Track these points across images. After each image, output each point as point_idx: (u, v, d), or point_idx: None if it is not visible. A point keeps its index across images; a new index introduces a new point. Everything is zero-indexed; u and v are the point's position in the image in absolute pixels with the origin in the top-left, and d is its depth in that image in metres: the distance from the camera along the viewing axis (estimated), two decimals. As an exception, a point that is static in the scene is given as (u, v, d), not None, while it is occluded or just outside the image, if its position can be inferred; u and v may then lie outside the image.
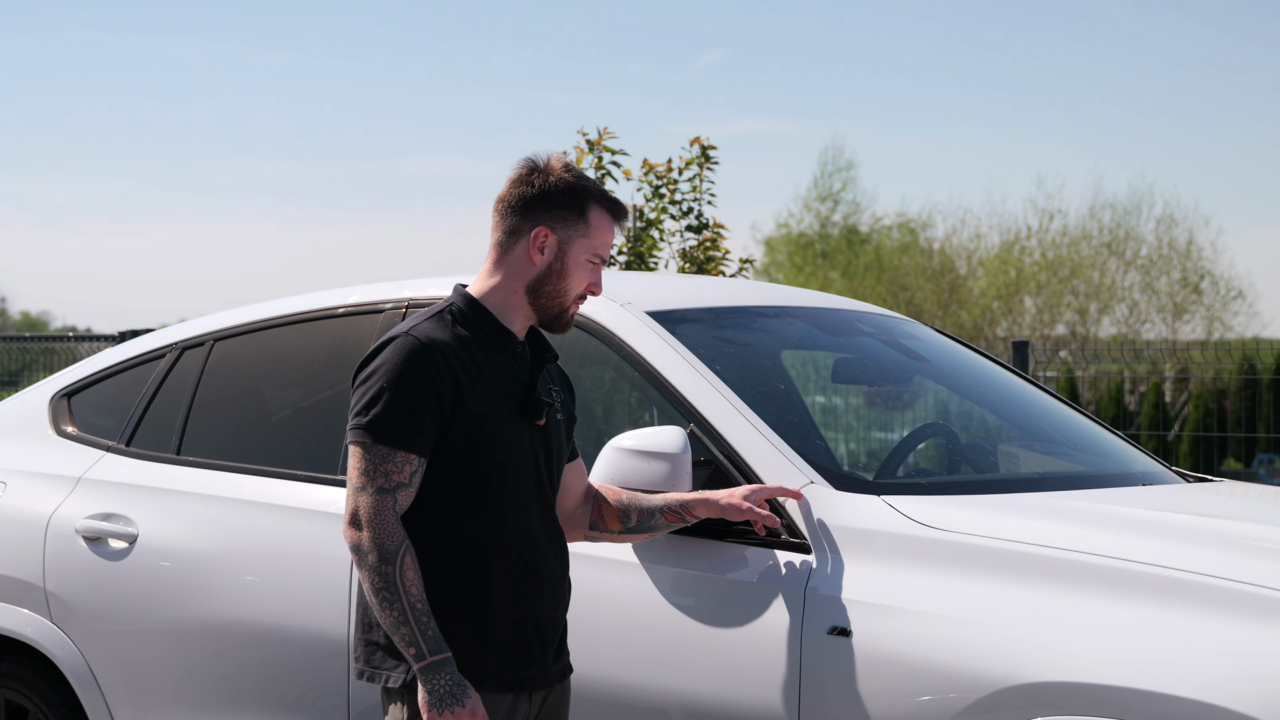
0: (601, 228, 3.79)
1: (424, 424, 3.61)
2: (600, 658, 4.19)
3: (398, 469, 3.59)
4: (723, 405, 4.35)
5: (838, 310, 5.30)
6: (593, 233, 3.78)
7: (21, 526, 5.29)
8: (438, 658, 3.53)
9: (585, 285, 3.80)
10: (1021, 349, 9.80)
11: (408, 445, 3.59)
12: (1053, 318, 33.18)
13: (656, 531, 4.08)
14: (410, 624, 3.52)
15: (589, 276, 3.80)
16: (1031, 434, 5.18)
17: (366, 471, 3.59)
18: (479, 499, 3.67)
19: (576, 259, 3.77)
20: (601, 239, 3.79)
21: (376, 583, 3.54)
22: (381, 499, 3.57)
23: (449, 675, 3.53)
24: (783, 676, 3.95)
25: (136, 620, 4.98)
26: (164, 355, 5.45)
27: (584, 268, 3.78)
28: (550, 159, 3.81)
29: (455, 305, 3.76)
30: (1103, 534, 3.92)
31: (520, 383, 3.75)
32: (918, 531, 3.99)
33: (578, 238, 3.77)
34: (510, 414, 3.71)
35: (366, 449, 3.59)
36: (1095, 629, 3.66)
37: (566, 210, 3.76)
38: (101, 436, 5.40)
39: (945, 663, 3.76)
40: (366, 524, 3.56)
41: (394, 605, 3.53)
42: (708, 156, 10.34)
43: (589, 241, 3.78)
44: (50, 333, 17.43)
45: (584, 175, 3.82)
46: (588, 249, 3.78)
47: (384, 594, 3.53)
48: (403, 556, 3.54)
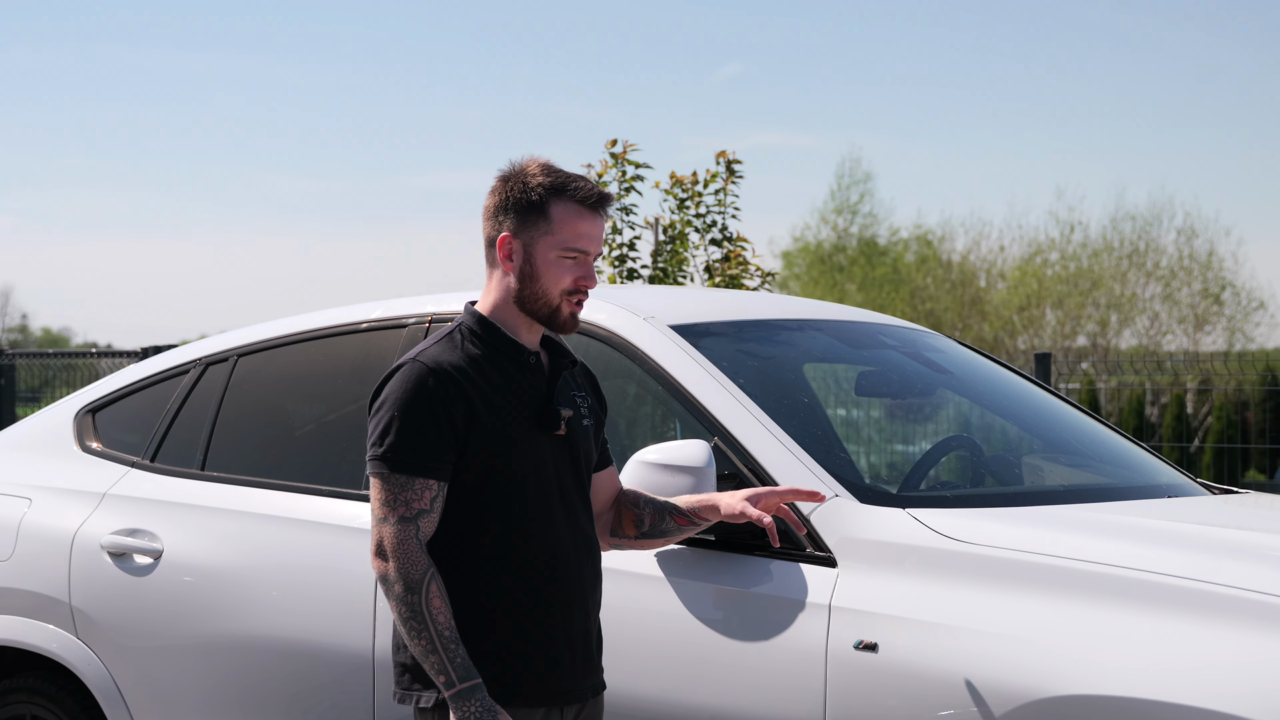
0: (567, 220, 3.70)
1: (439, 448, 3.60)
2: (626, 672, 4.18)
3: (418, 496, 3.59)
4: (746, 418, 4.35)
5: (861, 323, 5.30)
6: (556, 227, 3.69)
7: (47, 542, 5.30)
8: (467, 684, 3.52)
9: (571, 280, 3.71)
10: (1044, 361, 9.79)
11: (425, 471, 3.59)
12: (1074, 330, 33.12)
13: (670, 536, 4.01)
14: (439, 652, 3.52)
15: (571, 271, 3.71)
16: (1056, 446, 5.17)
17: (387, 501, 3.58)
18: (502, 515, 3.66)
19: (545, 258, 3.70)
20: (569, 230, 3.70)
21: (404, 612, 3.54)
22: (404, 528, 3.57)
23: (479, 701, 3.52)
24: (809, 691, 3.94)
25: (162, 636, 4.99)
26: (188, 371, 5.46)
27: (559, 265, 3.70)
28: (524, 163, 3.76)
29: (464, 324, 3.75)
30: (1129, 547, 3.91)
31: (537, 394, 3.73)
32: (943, 544, 3.98)
33: (541, 236, 3.70)
34: (528, 427, 3.70)
35: (385, 479, 3.59)
36: (1123, 642, 3.65)
37: (526, 211, 3.70)
38: (126, 452, 5.41)
39: (973, 676, 3.75)
40: (391, 554, 3.56)
41: (422, 634, 3.53)
42: (732, 170, 10.36)
43: (554, 238, 3.69)
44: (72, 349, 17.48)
45: (552, 172, 3.73)
46: (554, 245, 3.70)
47: (411, 623, 3.54)
48: (428, 585, 3.54)
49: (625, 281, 10.32)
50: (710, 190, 10.39)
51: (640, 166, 10.35)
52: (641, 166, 10.36)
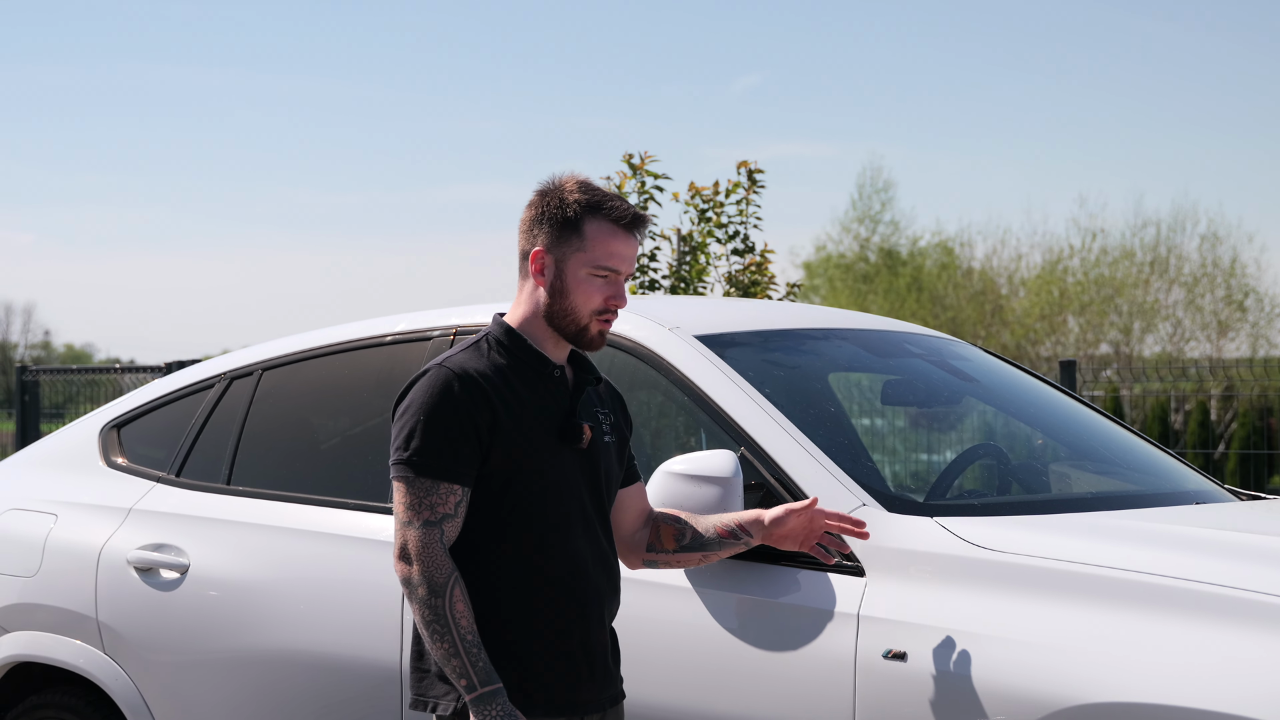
0: (600, 239, 3.70)
1: (463, 454, 3.61)
2: (653, 682, 4.18)
3: (442, 500, 3.60)
4: (773, 428, 4.34)
5: (886, 332, 5.28)
6: (589, 245, 3.70)
7: (73, 558, 5.30)
8: (489, 689, 3.52)
9: (601, 300, 3.72)
10: (1069, 368, 9.75)
11: (450, 476, 3.60)
12: (1096, 337, 33.03)
13: (711, 550, 4.02)
14: (461, 655, 3.53)
15: (602, 290, 3.72)
16: (1083, 453, 5.15)
17: (412, 505, 3.59)
18: (521, 525, 3.67)
19: (575, 274, 3.71)
20: (602, 249, 3.70)
21: (427, 615, 3.55)
22: (428, 532, 3.58)
23: (500, 705, 3.52)
24: (838, 701, 3.93)
25: (189, 650, 4.99)
26: (213, 385, 5.46)
27: (589, 282, 3.71)
28: (562, 179, 3.76)
29: (492, 334, 3.76)
30: (1159, 553, 3.89)
31: (560, 407, 3.74)
32: (971, 553, 3.97)
33: (573, 253, 3.70)
34: (550, 439, 3.70)
35: (410, 483, 3.60)
36: (1154, 649, 3.63)
37: (560, 227, 3.71)
38: (152, 467, 5.42)
39: (1003, 685, 3.73)
40: (415, 558, 3.57)
41: (445, 638, 3.53)
42: (754, 180, 10.35)
43: (586, 255, 3.70)
44: (95, 365, 17.50)
45: (589, 189, 3.74)
46: (586, 263, 3.70)
47: (434, 626, 3.54)
48: (452, 589, 3.55)
49: (645, 292, 10.31)
50: (732, 200, 10.38)
51: (659, 177, 10.35)
52: (661, 177, 10.36)
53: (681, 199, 10.42)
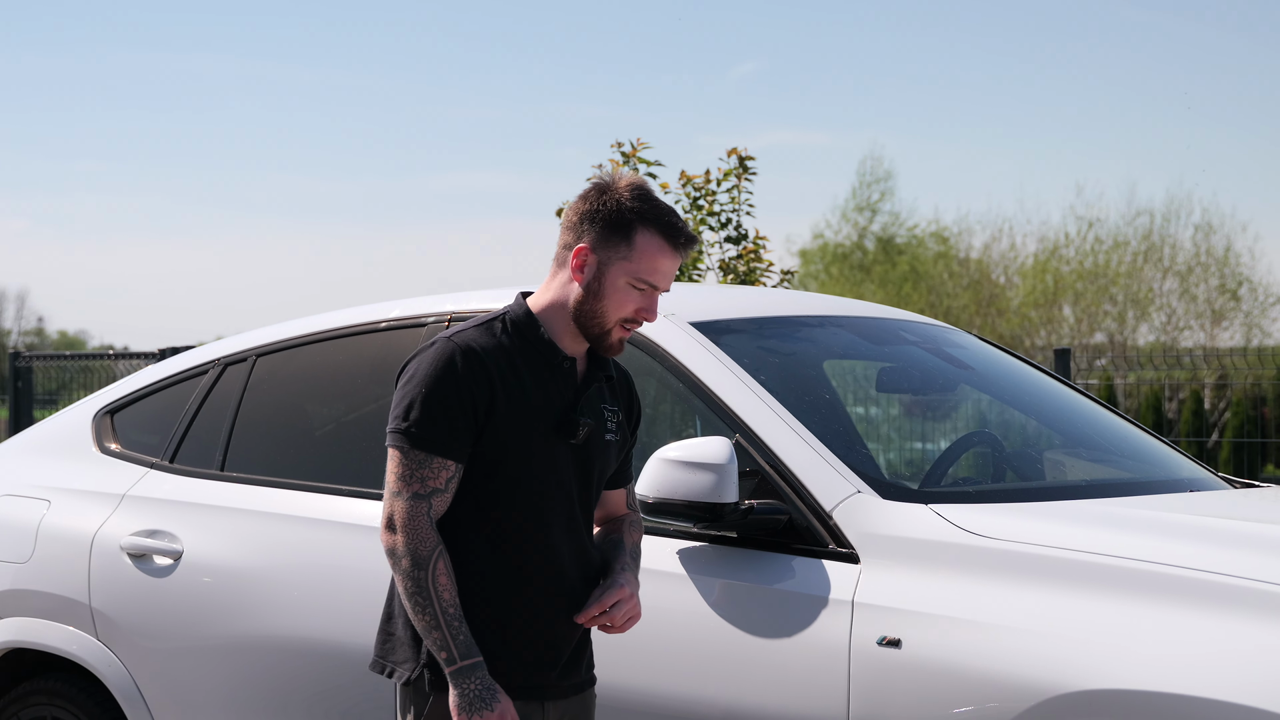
0: (648, 252, 3.67)
1: (460, 430, 3.60)
2: (647, 669, 4.18)
3: (434, 475, 3.59)
4: (768, 415, 4.33)
5: (882, 319, 5.28)
6: (636, 256, 3.67)
7: (66, 544, 5.30)
8: (469, 661, 3.53)
9: (632, 310, 3.69)
10: (1064, 357, 9.75)
11: (444, 451, 3.59)
12: (1091, 326, 33.06)
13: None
14: (442, 628, 3.54)
15: (635, 301, 3.69)
16: (1078, 441, 5.16)
17: (403, 476, 3.59)
18: (502, 511, 3.66)
19: (615, 281, 3.68)
20: (647, 263, 3.67)
21: (410, 587, 3.56)
22: (417, 504, 3.58)
23: (480, 679, 3.53)
24: (832, 688, 3.93)
25: (182, 637, 4.99)
26: (206, 371, 5.45)
27: (625, 291, 3.68)
28: (619, 178, 3.73)
29: (510, 314, 3.74)
30: (1152, 541, 3.89)
31: (563, 400, 3.72)
32: (966, 540, 3.97)
33: (618, 260, 3.67)
34: (546, 429, 3.69)
35: (404, 454, 3.60)
36: (1148, 636, 3.63)
37: (612, 231, 3.68)
38: (145, 453, 5.41)
39: (997, 672, 3.73)
40: (401, 528, 3.57)
41: (427, 609, 3.54)
42: (745, 167, 10.33)
43: (631, 265, 3.67)
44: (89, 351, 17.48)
45: (647, 198, 3.70)
46: (629, 272, 3.67)
47: (417, 598, 3.55)
48: (435, 561, 3.55)
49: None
50: (724, 189, 10.37)
51: (651, 165, 10.34)
52: (653, 165, 10.35)
53: (673, 188, 10.41)
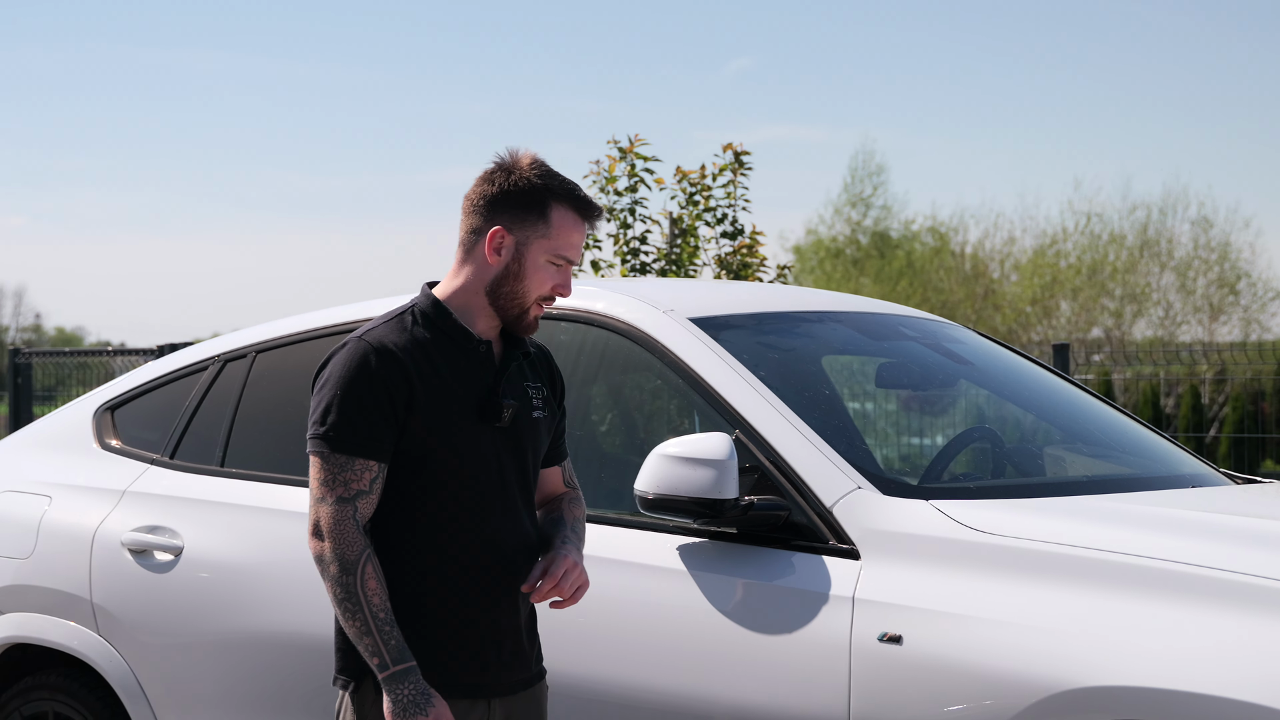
0: (564, 228, 3.67)
1: (379, 430, 3.56)
2: (646, 665, 4.18)
3: (357, 477, 3.54)
4: (768, 411, 4.33)
5: (880, 315, 5.28)
6: (554, 233, 3.66)
7: (67, 540, 5.30)
8: (401, 667, 3.49)
9: (549, 287, 3.68)
10: (1062, 352, 9.76)
11: (365, 452, 3.55)
12: (1088, 321, 33.06)
13: None
14: (373, 634, 3.49)
15: (553, 278, 3.68)
16: (1078, 437, 5.16)
17: (325, 481, 3.54)
18: (436, 503, 3.61)
19: (535, 260, 3.66)
20: (564, 239, 3.67)
21: (339, 593, 3.51)
22: (341, 508, 3.53)
23: (413, 684, 3.49)
24: (833, 684, 3.93)
25: (183, 632, 4.99)
26: (206, 368, 5.45)
27: (545, 269, 3.66)
28: (519, 156, 3.70)
29: (418, 306, 3.70)
30: (1153, 536, 3.89)
31: (482, 384, 3.67)
32: (967, 536, 3.97)
33: (536, 238, 3.65)
34: (469, 417, 3.64)
35: (325, 458, 3.55)
36: (1149, 633, 3.64)
37: (525, 210, 3.65)
38: (145, 449, 5.41)
39: (998, 668, 3.73)
40: (327, 534, 3.52)
41: (356, 615, 3.50)
42: (741, 163, 10.34)
43: (549, 242, 3.66)
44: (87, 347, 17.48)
45: (552, 174, 3.69)
46: (548, 250, 3.66)
47: (346, 604, 3.50)
48: (364, 566, 3.50)
49: (636, 275, 10.31)
50: (719, 184, 10.37)
51: (649, 160, 10.35)
52: (651, 160, 10.35)
53: (668, 183, 10.41)
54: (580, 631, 4.28)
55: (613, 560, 4.32)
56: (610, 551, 4.34)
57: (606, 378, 4.94)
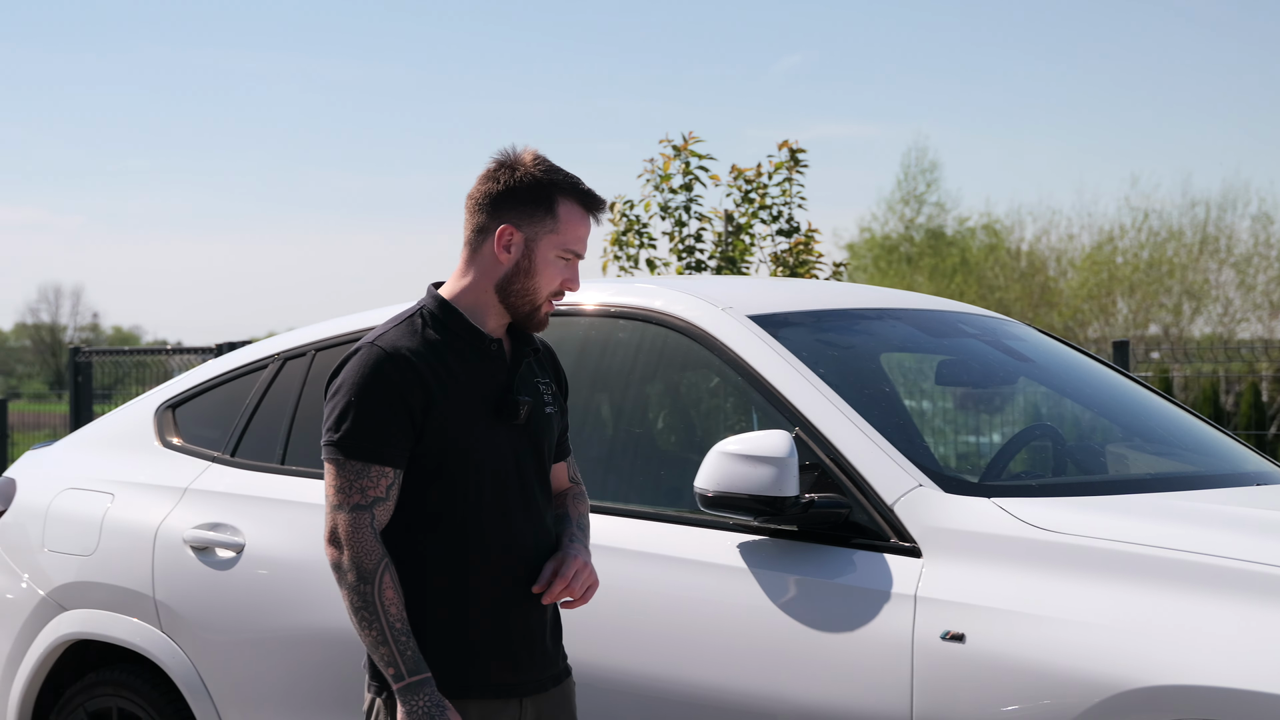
0: (572, 222, 3.65)
1: (395, 435, 3.53)
2: (707, 664, 4.17)
3: (373, 484, 3.52)
4: (827, 408, 4.32)
5: (940, 312, 5.26)
6: (561, 228, 3.64)
7: (130, 537, 5.33)
8: (416, 678, 3.47)
9: (559, 282, 3.66)
10: (1122, 349, 9.70)
11: (381, 459, 3.53)
12: (1146, 318, 32.86)
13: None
14: (389, 644, 3.47)
15: (562, 273, 3.66)
16: (1140, 434, 5.12)
17: (342, 489, 3.52)
18: (457, 505, 3.59)
19: (545, 256, 3.64)
20: (572, 234, 3.65)
21: (355, 602, 3.49)
22: (358, 516, 3.51)
23: (428, 695, 3.47)
24: (895, 683, 3.91)
25: (245, 629, 5.01)
26: (266, 366, 5.48)
27: (554, 264, 3.65)
28: (521, 153, 3.69)
29: (426, 308, 3.68)
30: (1218, 534, 3.87)
31: (497, 383, 3.66)
32: (1029, 534, 3.95)
33: (545, 234, 3.64)
34: (486, 417, 3.62)
35: (340, 465, 3.53)
36: (1215, 631, 3.61)
37: (533, 206, 3.64)
38: (207, 447, 5.44)
39: (1062, 667, 3.71)
40: (345, 543, 3.50)
41: (373, 625, 3.48)
42: (796, 160, 10.32)
43: (558, 237, 3.64)
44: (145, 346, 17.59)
45: (555, 168, 3.68)
46: (557, 245, 3.65)
47: (363, 613, 3.49)
48: (381, 575, 3.49)
49: (691, 273, 10.30)
50: (775, 181, 10.35)
51: (703, 158, 10.33)
52: (705, 158, 10.34)
53: (724, 181, 10.40)
54: (642, 630, 4.28)
55: (673, 558, 4.32)
56: (670, 549, 4.34)
57: (665, 375, 4.94)
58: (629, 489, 4.63)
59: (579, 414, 4.84)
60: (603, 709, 4.30)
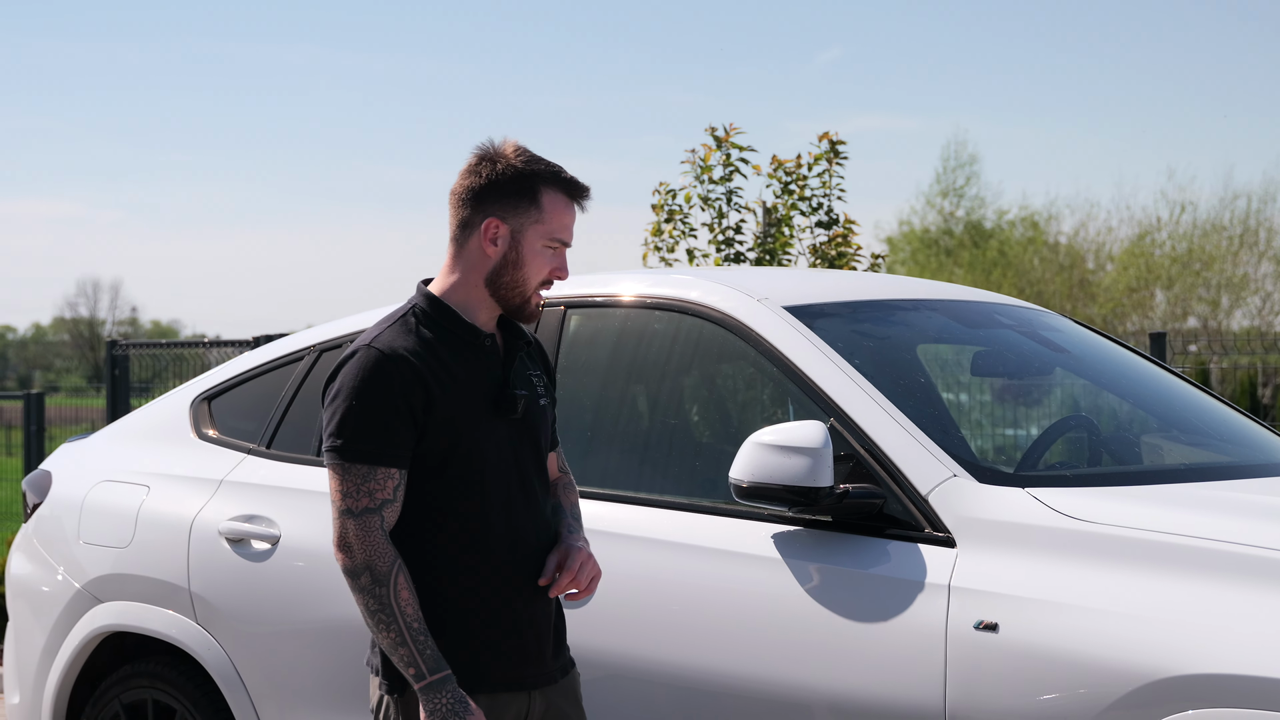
0: (556, 210, 3.65)
1: (397, 436, 3.52)
2: (742, 653, 4.17)
3: (380, 486, 3.51)
4: (863, 399, 4.31)
5: (976, 303, 5.24)
6: (546, 217, 3.64)
7: (166, 529, 5.35)
8: (438, 676, 3.46)
9: (548, 271, 3.66)
10: (1159, 341, 9.65)
11: (386, 460, 3.52)
12: (1184, 311, 32.70)
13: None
14: (408, 644, 3.46)
15: (550, 262, 3.66)
16: (1175, 424, 5.10)
17: (348, 493, 3.51)
18: (461, 501, 3.59)
19: (532, 246, 3.64)
20: (558, 222, 3.65)
21: (371, 605, 3.48)
22: (368, 519, 3.50)
23: (450, 693, 3.46)
24: (929, 672, 3.91)
25: (280, 621, 5.02)
26: (302, 358, 5.48)
27: (542, 254, 3.64)
28: (502, 145, 3.69)
29: (418, 306, 3.67)
30: (1253, 524, 3.85)
31: (493, 378, 3.66)
32: (1064, 524, 3.94)
33: (530, 224, 3.63)
34: (484, 412, 3.62)
35: (345, 470, 3.52)
36: (1251, 621, 3.59)
37: (517, 197, 3.63)
38: (242, 439, 5.45)
39: (1096, 656, 3.70)
40: (357, 547, 3.49)
41: (391, 627, 3.47)
42: (836, 152, 10.28)
43: (543, 227, 3.64)
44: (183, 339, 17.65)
45: (537, 158, 3.67)
46: (543, 235, 3.64)
47: (379, 616, 3.48)
48: (395, 576, 3.48)
49: (731, 265, 10.28)
50: (814, 173, 10.33)
51: (744, 150, 10.32)
52: (746, 150, 10.32)
53: (764, 172, 10.38)
54: (676, 619, 4.28)
55: (708, 549, 4.32)
56: (705, 540, 4.33)
57: (700, 366, 4.93)
58: (664, 479, 4.63)
59: (614, 404, 4.84)
60: (638, 699, 4.30)
